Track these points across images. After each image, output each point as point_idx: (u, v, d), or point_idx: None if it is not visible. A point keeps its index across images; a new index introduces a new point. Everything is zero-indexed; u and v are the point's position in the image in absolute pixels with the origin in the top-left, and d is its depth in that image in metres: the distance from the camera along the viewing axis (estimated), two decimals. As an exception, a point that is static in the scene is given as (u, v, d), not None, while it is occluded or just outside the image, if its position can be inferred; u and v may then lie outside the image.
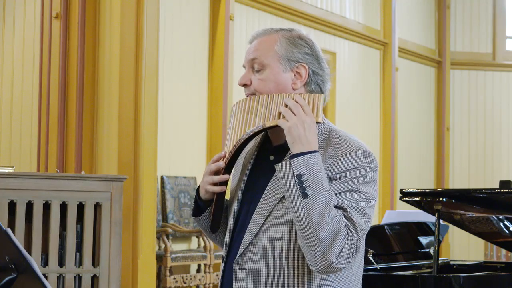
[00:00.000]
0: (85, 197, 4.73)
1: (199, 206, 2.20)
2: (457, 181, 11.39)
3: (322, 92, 2.11)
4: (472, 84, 11.63)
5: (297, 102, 1.99)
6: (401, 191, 4.12)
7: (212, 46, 7.48)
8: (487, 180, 11.29)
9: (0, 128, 7.12)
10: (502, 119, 11.58)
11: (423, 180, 11.02)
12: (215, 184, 2.11)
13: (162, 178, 7.02)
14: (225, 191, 2.13)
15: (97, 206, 4.77)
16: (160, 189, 7.01)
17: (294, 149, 1.95)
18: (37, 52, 6.67)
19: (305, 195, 1.90)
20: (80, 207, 4.74)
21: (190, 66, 7.31)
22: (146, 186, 6.05)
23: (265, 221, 2.03)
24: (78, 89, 6.21)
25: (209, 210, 2.18)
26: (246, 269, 2.04)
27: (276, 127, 2.01)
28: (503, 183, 3.89)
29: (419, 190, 4.13)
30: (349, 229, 1.93)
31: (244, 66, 2.13)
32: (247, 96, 2.11)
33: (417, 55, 11.00)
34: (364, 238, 1.99)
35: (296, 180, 1.91)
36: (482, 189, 4.04)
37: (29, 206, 4.62)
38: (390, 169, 10.00)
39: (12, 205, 4.56)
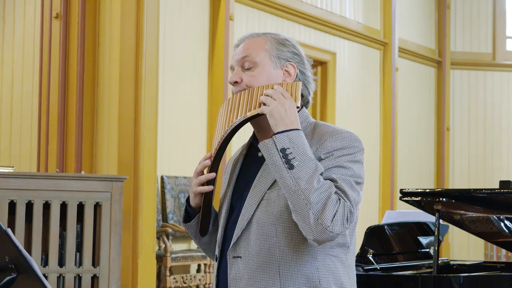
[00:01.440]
0: (85, 197, 4.73)
1: (189, 213, 2.22)
2: (457, 181, 11.39)
3: (308, 92, 2.18)
4: (472, 84, 11.63)
5: (276, 90, 2.03)
6: (401, 191, 4.12)
7: (212, 46, 7.48)
8: (487, 180, 11.29)
9: (0, 128, 7.12)
10: (502, 119, 11.58)
11: (423, 180, 11.02)
12: (202, 184, 2.14)
13: (162, 178, 7.02)
14: (212, 192, 2.13)
15: (97, 206, 4.77)
16: (160, 189, 7.01)
17: (277, 129, 1.99)
18: (37, 52, 6.67)
19: (291, 166, 1.93)
20: (80, 207, 4.74)
21: (190, 66, 7.31)
22: (146, 186, 6.05)
23: (257, 207, 2.05)
24: (78, 89, 6.21)
25: (198, 215, 2.20)
26: (241, 257, 2.06)
27: (259, 116, 2.05)
28: (503, 183, 3.89)
29: (419, 190, 4.13)
30: (340, 196, 1.95)
31: (231, 68, 2.17)
32: (236, 93, 2.13)
33: (417, 55, 11.00)
34: (357, 209, 2.00)
35: (281, 153, 1.94)
36: (482, 189, 4.05)
37: (29, 206, 4.62)
38: (390, 169, 10.00)
39: (12, 205, 4.56)
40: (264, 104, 2.02)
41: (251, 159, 2.16)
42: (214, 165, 2.12)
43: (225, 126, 2.07)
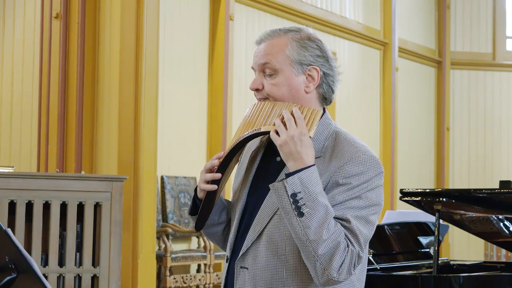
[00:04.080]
0: (85, 197, 4.73)
1: (197, 205, 2.21)
2: (457, 181, 11.39)
3: (332, 92, 2.12)
4: (472, 84, 11.63)
5: (293, 115, 1.97)
6: (401, 191, 4.12)
7: (212, 46, 7.48)
8: (487, 180, 11.29)
9: (0, 128, 7.12)
10: (502, 119, 11.58)
11: (423, 180, 11.02)
12: (207, 182, 2.12)
13: (162, 178, 7.02)
14: (216, 190, 2.13)
15: (97, 206, 4.77)
16: (160, 189, 7.01)
17: (288, 166, 1.95)
18: (37, 52, 6.67)
19: (300, 214, 1.90)
20: (80, 207, 4.74)
21: (190, 66, 7.31)
22: (146, 186, 6.05)
23: (269, 221, 2.03)
24: (78, 89, 6.21)
25: None
26: (248, 268, 2.05)
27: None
28: (503, 183, 3.89)
29: (419, 190, 4.13)
30: (349, 241, 1.93)
31: (253, 69, 2.11)
32: (259, 100, 2.09)
33: (417, 55, 11.00)
34: (367, 246, 2.00)
35: (291, 199, 1.90)
36: (482, 189, 4.05)
37: (29, 206, 4.62)
38: (390, 169, 10.00)
39: (12, 205, 4.56)
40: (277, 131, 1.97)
41: (270, 161, 2.12)
42: (222, 166, 2.11)
43: (241, 131, 2.06)
